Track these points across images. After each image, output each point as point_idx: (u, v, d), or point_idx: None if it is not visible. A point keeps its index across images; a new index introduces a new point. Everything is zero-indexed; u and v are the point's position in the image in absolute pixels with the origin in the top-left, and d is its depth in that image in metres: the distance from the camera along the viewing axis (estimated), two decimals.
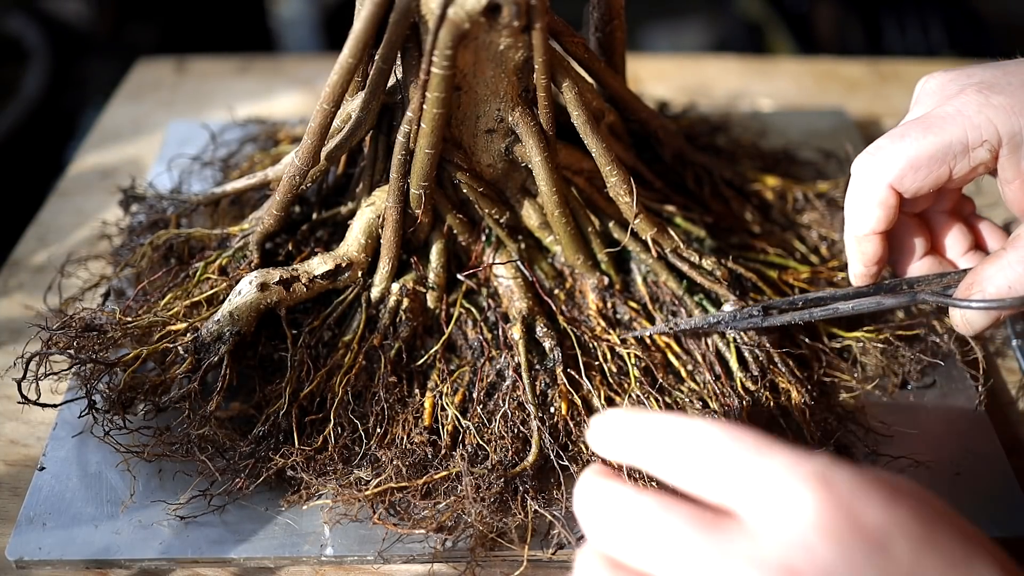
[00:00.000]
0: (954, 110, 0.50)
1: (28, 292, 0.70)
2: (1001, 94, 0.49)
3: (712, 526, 0.34)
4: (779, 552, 0.33)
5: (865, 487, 0.34)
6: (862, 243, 0.54)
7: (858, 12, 1.42)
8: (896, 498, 0.34)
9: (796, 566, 0.33)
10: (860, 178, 0.53)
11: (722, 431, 0.36)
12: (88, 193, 0.80)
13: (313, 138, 0.55)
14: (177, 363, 0.54)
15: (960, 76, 0.52)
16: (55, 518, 0.52)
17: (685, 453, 0.36)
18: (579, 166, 0.62)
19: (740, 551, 0.33)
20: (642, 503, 0.36)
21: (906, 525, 0.34)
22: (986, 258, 0.52)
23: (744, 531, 0.34)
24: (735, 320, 0.55)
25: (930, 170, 0.51)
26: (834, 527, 0.33)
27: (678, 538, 0.34)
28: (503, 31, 0.51)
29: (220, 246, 0.62)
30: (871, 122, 0.88)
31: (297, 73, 0.97)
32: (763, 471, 0.34)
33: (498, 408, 0.55)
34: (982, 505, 0.53)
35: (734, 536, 0.34)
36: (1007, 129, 0.49)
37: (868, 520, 0.33)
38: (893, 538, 0.33)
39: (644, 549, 0.35)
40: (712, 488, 0.35)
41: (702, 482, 0.36)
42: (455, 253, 0.62)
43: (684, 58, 1.02)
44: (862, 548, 0.33)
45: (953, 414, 0.58)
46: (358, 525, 0.52)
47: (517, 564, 0.50)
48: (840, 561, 0.33)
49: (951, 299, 0.51)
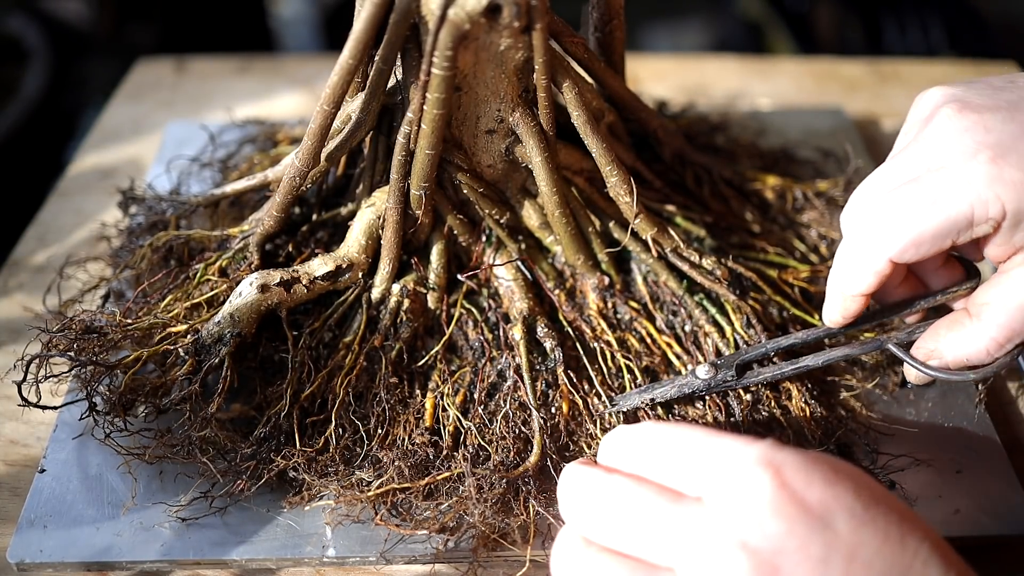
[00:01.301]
0: (964, 180, 0.47)
1: (28, 292, 0.70)
2: (1015, 167, 0.46)
3: (674, 506, 0.38)
4: (736, 530, 0.36)
5: (808, 467, 0.37)
6: (847, 300, 0.53)
7: (858, 12, 1.42)
8: (837, 477, 0.38)
9: (749, 541, 0.36)
10: (859, 244, 0.50)
11: (675, 428, 0.40)
12: (88, 193, 0.80)
13: (313, 139, 0.55)
14: (178, 365, 0.54)
15: (976, 125, 0.48)
16: (56, 520, 0.52)
17: (655, 452, 0.40)
18: (579, 166, 0.62)
19: (699, 528, 0.37)
20: (612, 486, 0.40)
21: (846, 502, 0.37)
22: (949, 319, 0.53)
23: (703, 511, 0.37)
24: (710, 388, 0.55)
25: (933, 245, 0.48)
26: (781, 505, 0.36)
27: (643, 516, 0.38)
28: (503, 32, 0.51)
29: (220, 248, 0.62)
30: (871, 122, 0.88)
31: (297, 73, 0.97)
32: (717, 458, 0.38)
33: (499, 408, 0.55)
34: (982, 503, 0.53)
35: (694, 515, 0.37)
36: (1014, 207, 0.47)
37: (812, 498, 0.37)
38: (834, 514, 0.37)
39: (613, 527, 0.39)
40: (676, 477, 0.39)
41: (669, 473, 0.40)
42: (456, 254, 0.62)
43: (683, 58, 1.02)
44: (807, 523, 0.36)
45: (953, 412, 0.58)
46: (360, 526, 0.52)
47: (519, 565, 0.50)
48: (788, 536, 0.36)
49: (911, 359, 0.54)
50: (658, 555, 0.38)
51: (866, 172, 0.76)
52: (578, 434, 0.55)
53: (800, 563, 0.36)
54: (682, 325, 0.60)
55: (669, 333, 0.60)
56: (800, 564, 0.36)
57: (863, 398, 0.59)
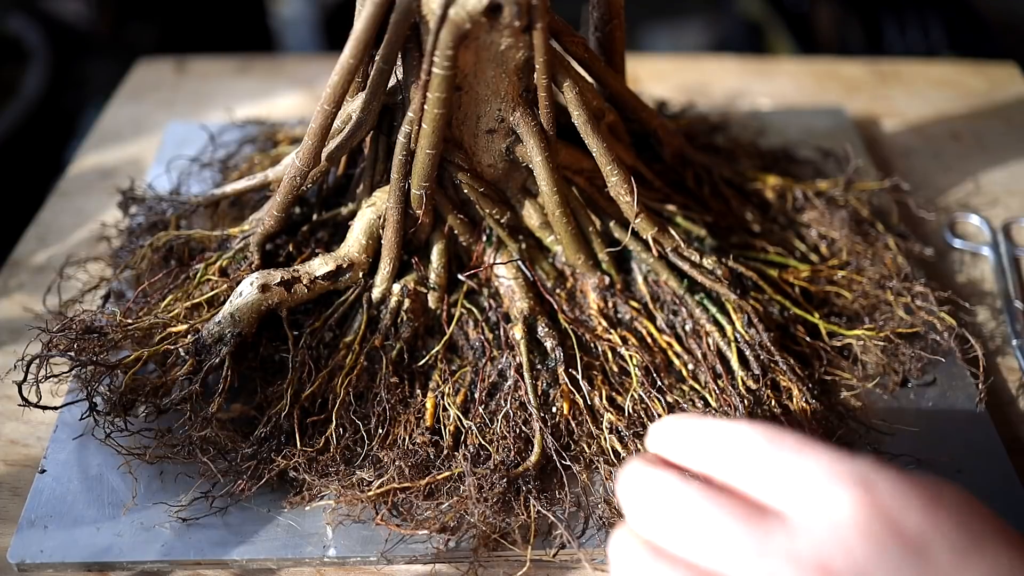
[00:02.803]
0: None
1: (28, 292, 0.69)
2: None
3: (753, 520, 0.35)
4: (816, 550, 0.33)
5: (906, 492, 0.34)
6: None
7: (858, 12, 1.42)
8: (939, 504, 0.34)
9: (832, 565, 0.33)
10: None
11: (767, 433, 0.37)
12: (88, 193, 0.80)
13: (314, 139, 0.55)
14: (178, 365, 0.54)
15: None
16: (56, 520, 0.52)
17: (734, 454, 0.37)
18: (579, 166, 0.62)
19: (778, 546, 0.34)
20: (687, 492, 0.37)
21: (948, 532, 0.34)
22: None
23: (784, 528, 0.34)
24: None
25: None
26: (872, 529, 0.33)
27: (719, 528, 0.35)
28: (504, 31, 0.51)
29: (220, 247, 0.62)
30: (871, 122, 0.88)
31: (297, 73, 0.97)
32: (806, 471, 0.35)
33: (500, 408, 0.55)
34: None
35: (774, 531, 0.35)
36: None
37: (908, 525, 0.34)
38: (933, 544, 0.33)
39: (685, 536, 0.36)
40: (758, 487, 0.36)
41: (749, 481, 0.36)
42: (456, 253, 0.62)
43: (684, 58, 1.02)
44: (900, 551, 0.33)
45: (954, 412, 0.58)
46: (361, 526, 0.52)
47: (520, 564, 0.50)
48: (876, 562, 0.33)
49: None
50: (733, 571, 0.35)
51: (866, 172, 0.77)
52: (578, 434, 0.55)
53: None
54: (683, 324, 0.60)
55: (669, 332, 0.60)
56: None
57: (863, 398, 0.59)
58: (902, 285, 0.62)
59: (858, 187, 0.71)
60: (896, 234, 0.69)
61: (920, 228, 0.74)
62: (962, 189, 0.80)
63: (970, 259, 0.72)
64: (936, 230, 0.75)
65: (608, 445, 0.54)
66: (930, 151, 0.85)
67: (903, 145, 0.85)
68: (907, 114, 0.90)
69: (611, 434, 0.54)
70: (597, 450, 0.54)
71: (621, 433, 0.54)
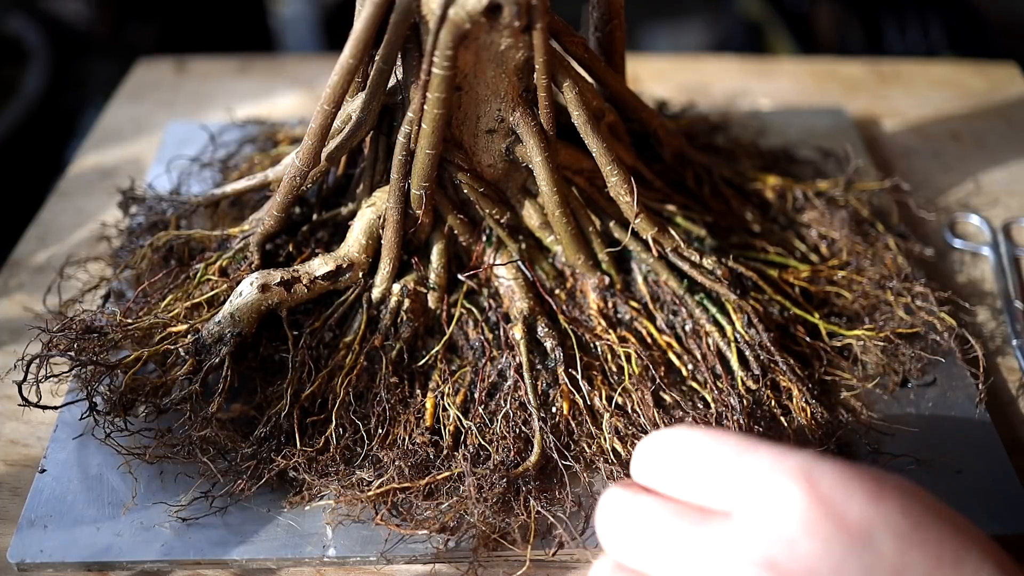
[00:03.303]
0: None
1: (28, 292, 0.70)
2: None
3: (701, 524, 0.35)
4: (762, 548, 0.33)
5: (849, 482, 0.34)
6: None
7: (858, 12, 1.42)
8: (881, 493, 0.34)
9: (779, 561, 0.33)
10: None
11: (705, 435, 0.37)
12: (88, 193, 0.80)
13: (314, 139, 0.55)
14: (178, 365, 0.54)
15: None
16: (56, 520, 0.52)
17: (683, 464, 0.37)
18: (579, 166, 0.62)
19: (726, 547, 0.34)
20: (639, 505, 0.37)
21: (892, 520, 0.34)
22: None
23: (732, 528, 0.35)
24: None
25: None
26: (816, 522, 0.33)
27: (669, 535, 0.36)
28: (504, 31, 0.51)
29: (220, 247, 0.62)
30: (871, 122, 0.88)
31: (297, 73, 0.97)
32: (749, 469, 0.35)
33: (500, 408, 0.55)
34: (983, 503, 0.53)
35: (721, 532, 0.35)
36: None
37: (851, 515, 0.33)
38: (877, 533, 0.33)
39: (640, 548, 0.36)
40: (705, 493, 0.36)
41: (698, 489, 0.36)
42: (456, 253, 0.62)
43: (684, 58, 1.02)
44: (845, 543, 0.33)
45: (954, 412, 0.58)
46: (360, 526, 0.52)
47: (519, 564, 0.50)
48: (822, 556, 0.33)
49: None
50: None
51: (866, 172, 0.77)
52: (578, 434, 0.55)
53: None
54: (682, 325, 0.60)
55: (669, 332, 0.60)
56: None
57: (863, 398, 0.59)
58: (902, 285, 0.62)
59: (858, 187, 0.71)
60: (896, 234, 0.69)
61: (920, 228, 0.74)
62: (962, 189, 0.80)
63: (970, 259, 0.72)
64: (936, 230, 0.75)
65: (608, 445, 0.54)
66: (930, 151, 0.85)
67: (903, 145, 0.85)
68: (907, 114, 0.90)
69: (611, 434, 0.54)
70: (597, 450, 0.54)
71: (621, 433, 0.54)
